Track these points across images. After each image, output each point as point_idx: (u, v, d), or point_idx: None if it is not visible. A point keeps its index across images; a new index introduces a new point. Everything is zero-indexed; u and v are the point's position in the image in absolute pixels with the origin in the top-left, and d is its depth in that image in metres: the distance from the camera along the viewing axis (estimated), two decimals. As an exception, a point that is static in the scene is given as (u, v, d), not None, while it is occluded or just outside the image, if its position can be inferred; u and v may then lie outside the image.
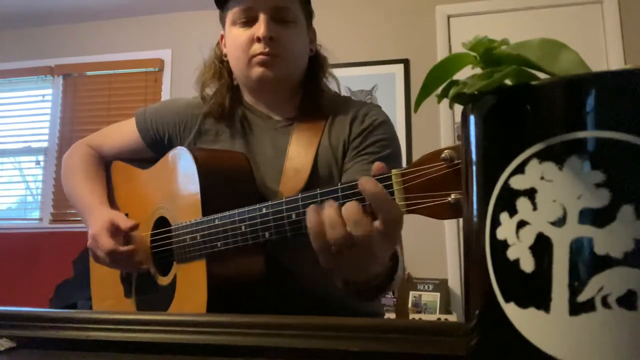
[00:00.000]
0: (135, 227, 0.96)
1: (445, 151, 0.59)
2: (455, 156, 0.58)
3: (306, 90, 1.03)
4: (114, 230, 0.96)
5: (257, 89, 1.02)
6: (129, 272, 1.03)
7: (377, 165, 0.65)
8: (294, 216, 0.73)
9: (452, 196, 0.59)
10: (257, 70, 0.95)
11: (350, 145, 0.97)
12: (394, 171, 0.63)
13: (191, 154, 0.89)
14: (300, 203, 0.72)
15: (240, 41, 0.96)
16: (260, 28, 0.93)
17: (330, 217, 0.60)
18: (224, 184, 0.90)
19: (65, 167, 1.15)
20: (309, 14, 1.03)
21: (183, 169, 0.92)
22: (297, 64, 1.00)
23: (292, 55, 0.97)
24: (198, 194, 0.86)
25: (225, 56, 1.03)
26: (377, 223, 0.60)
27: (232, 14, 0.98)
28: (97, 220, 0.99)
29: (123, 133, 1.13)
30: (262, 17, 0.93)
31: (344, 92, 1.10)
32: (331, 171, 0.96)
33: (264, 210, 0.77)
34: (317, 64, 1.04)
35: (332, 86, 1.06)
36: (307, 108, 1.01)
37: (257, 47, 0.94)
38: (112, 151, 1.15)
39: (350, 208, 0.60)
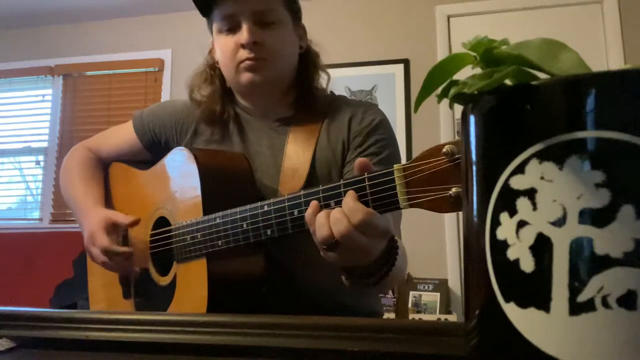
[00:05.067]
0: (136, 222, 0.96)
1: (446, 146, 0.60)
2: (456, 151, 0.60)
3: (299, 89, 1.02)
4: (111, 228, 0.97)
5: (249, 93, 1.02)
6: (125, 274, 1.03)
7: (360, 162, 0.69)
8: (296, 213, 0.73)
9: (453, 190, 0.60)
10: (246, 76, 0.95)
11: (351, 144, 0.97)
12: (395, 166, 0.65)
13: (192, 155, 0.89)
14: (302, 200, 0.73)
15: (227, 49, 0.96)
16: (243, 34, 0.93)
17: (319, 220, 0.68)
18: (225, 184, 0.91)
19: (63, 171, 1.16)
20: (294, 12, 1.01)
21: (184, 170, 0.92)
22: (286, 64, 0.99)
23: (279, 57, 0.97)
24: (199, 194, 0.87)
25: (217, 63, 1.03)
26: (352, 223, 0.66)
27: (216, 22, 0.98)
28: (92, 218, 0.99)
29: (121, 135, 1.14)
30: (244, 23, 0.93)
31: (344, 92, 1.10)
32: (330, 170, 0.96)
33: (265, 208, 0.77)
34: (308, 61, 1.04)
35: (323, 82, 1.05)
36: (301, 107, 1.01)
37: (243, 53, 0.94)
38: (110, 153, 1.15)
39: (335, 212, 0.67)
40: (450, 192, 0.60)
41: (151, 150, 1.10)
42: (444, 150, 0.60)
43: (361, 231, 0.65)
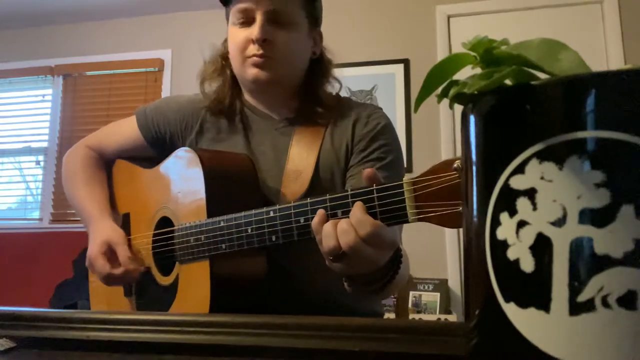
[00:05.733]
0: (136, 268, 0.96)
1: (457, 161, 0.60)
2: None
3: (305, 93, 1.02)
4: (110, 254, 0.97)
5: (253, 90, 1.02)
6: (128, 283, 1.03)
7: (369, 173, 0.69)
8: (302, 221, 0.73)
9: None
10: (251, 71, 0.95)
11: (355, 148, 0.97)
12: (405, 180, 0.64)
13: (197, 155, 0.89)
14: (309, 208, 0.72)
15: (237, 41, 0.96)
16: (255, 30, 0.93)
17: (326, 230, 0.68)
18: (229, 185, 0.90)
19: (65, 171, 1.15)
20: (312, 17, 1.01)
21: (188, 170, 0.92)
22: (293, 67, 0.99)
23: (287, 58, 0.97)
24: (203, 196, 0.86)
25: (229, 53, 1.03)
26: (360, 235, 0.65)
27: (232, 13, 0.98)
28: (95, 238, 0.99)
29: (123, 131, 1.13)
30: (258, 19, 0.93)
31: (344, 93, 1.10)
32: (333, 173, 0.96)
33: (271, 214, 0.77)
34: (319, 67, 1.03)
35: (334, 89, 1.05)
36: (306, 111, 1.01)
37: (252, 49, 0.94)
38: (112, 150, 1.14)
39: (342, 223, 0.67)
40: (460, 207, 0.60)
41: (155, 147, 1.09)
42: (455, 165, 0.60)
43: (368, 243, 0.65)
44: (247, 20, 0.95)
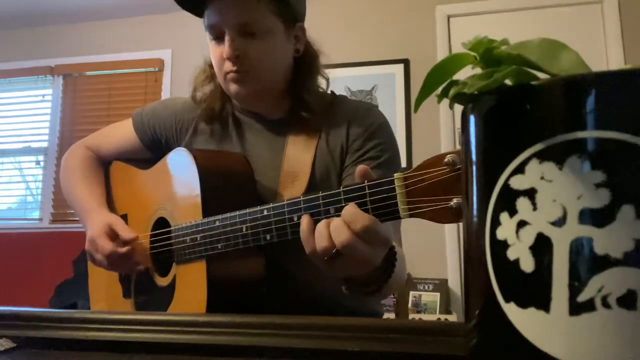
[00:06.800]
0: (134, 239, 0.96)
1: (448, 156, 0.59)
2: (458, 160, 0.58)
3: (295, 93, 1.00)
4: (113, 234, 0.97)
5: (240, 102, 1.01)
6: (128, 273, 1.03)
7: (361, 169, 0.67)
8: (295, 219, 0.73)
9: (454, 200, 0.59)
10: (231, 87, 0.94)
11: (350, 147, 0.96)
12: (396, 175, 0.64)
13: (192, 155, 0.89)
14: (302, 206, 0.72)
15: (215, 58, 0.95)
16: (225, 47, 0.91)
17: (319, 230, 0.65)
18: (225, 185, 0.90)
19: (64, 170, 1.16)
20: (287, 16, 0.96)
21: (184, 170, 0.92)
22: (273, 74, 0.97)
23: (264, 68, 0.94)
24: (199, 196, 0.86)
25: None
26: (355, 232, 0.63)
27: (205, 27, 0.96)
28: (95, 223, 0.99)
29: (120, 134, 1.13)
30: (227, 35, 0.91)
31: (344, 92, 1.09)
32: (329, 174, 0.96)
33: (265, 212, 0.77)
34: (305, 64, 1.01)
35: (322, 85, 1.03)
36: (297, 111, 1.00)
37: (227, 65, 0.92)
38: (110, 152, 1.15)
39: (335, 221, 0.65)
40: (452, 202, 0.59)
41: (151, 149, 1.10)
42: (446, 160, 0.59)
43: (363, 239, 0.63)
44: (218, 36, 0.93)
